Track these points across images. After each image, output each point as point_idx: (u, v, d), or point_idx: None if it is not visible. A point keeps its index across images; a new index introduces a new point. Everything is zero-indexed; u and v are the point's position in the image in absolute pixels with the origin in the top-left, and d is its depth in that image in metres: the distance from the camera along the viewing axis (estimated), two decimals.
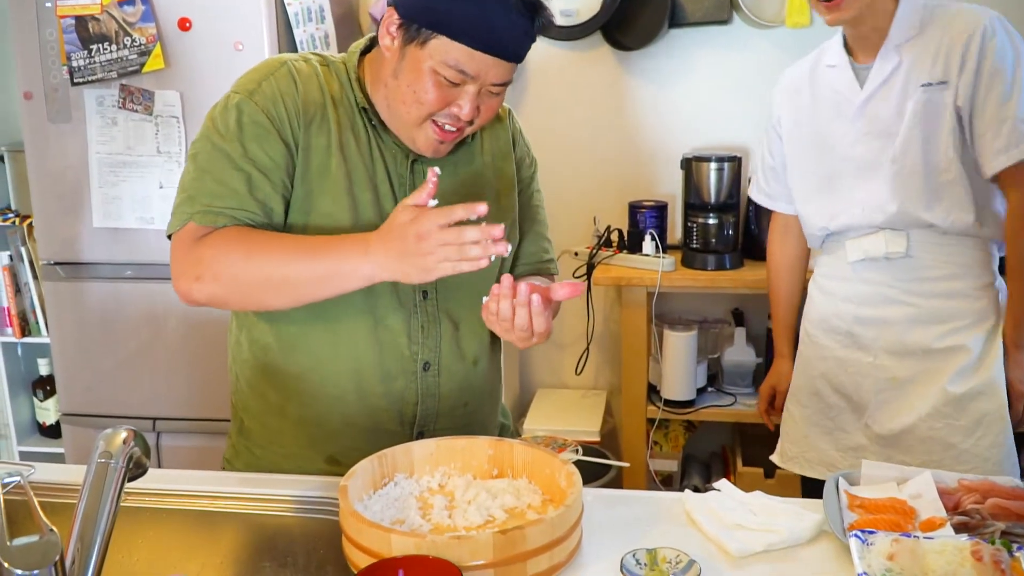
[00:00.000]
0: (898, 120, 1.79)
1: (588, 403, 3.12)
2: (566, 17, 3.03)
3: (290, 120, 1.36)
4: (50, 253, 2.66)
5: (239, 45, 2.44)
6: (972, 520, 1.19)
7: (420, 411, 1.46)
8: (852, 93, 1.85)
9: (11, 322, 3.11)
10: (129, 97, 2.49)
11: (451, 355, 1.47)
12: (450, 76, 1.31)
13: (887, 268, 1.85)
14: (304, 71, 1.40)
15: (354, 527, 1.09)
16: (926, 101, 1.76)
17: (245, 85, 1.38)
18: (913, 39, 1.78)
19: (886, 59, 1.80)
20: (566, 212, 3.03)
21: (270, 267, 1.30)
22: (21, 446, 3.21)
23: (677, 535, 1.20)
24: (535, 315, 1.27)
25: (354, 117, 1.41)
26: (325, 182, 1.38)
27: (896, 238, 1.82)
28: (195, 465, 1.65)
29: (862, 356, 1.90)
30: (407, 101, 1.35)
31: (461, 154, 1.48)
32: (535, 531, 1.07)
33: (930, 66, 1.76)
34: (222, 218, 1.33)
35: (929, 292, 1.83)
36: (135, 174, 2.53)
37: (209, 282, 1.31)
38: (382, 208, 1.40)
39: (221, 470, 1.56)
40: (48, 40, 2.52)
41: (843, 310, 1.92)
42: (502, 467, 1.31)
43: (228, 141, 1.35)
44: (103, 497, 0.97)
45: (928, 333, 1.83)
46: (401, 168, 1.43)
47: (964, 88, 1.74)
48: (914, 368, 1.85)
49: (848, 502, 1.24)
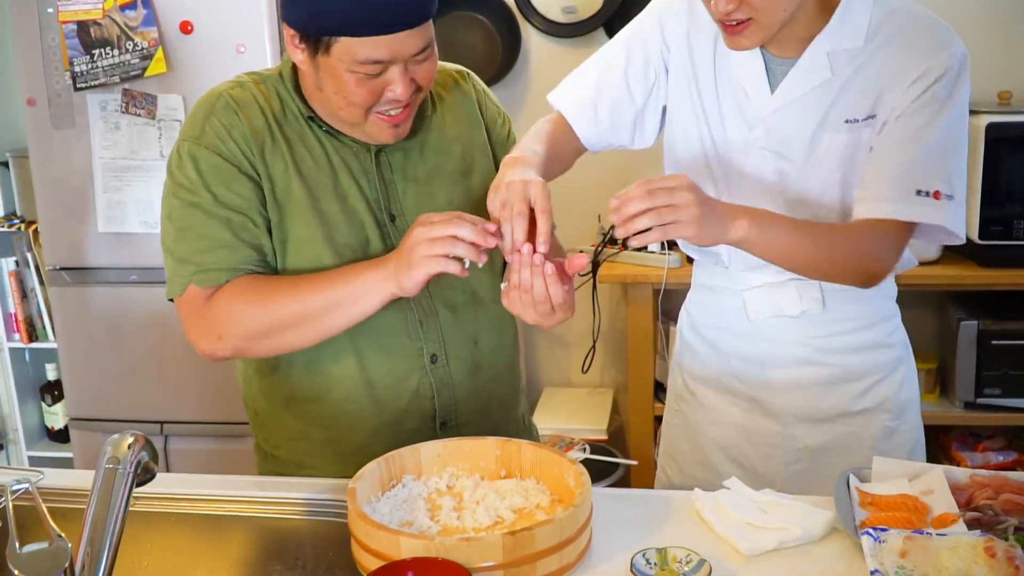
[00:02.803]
0: (808, 150, 1.41)
1: (595, 401, 3.12)
2: (568, 14, 3.02)
3: (243, 152, 1.35)
4: (56, 258, 2.67)
5: (241, 48, 2.44)
6: (985, 516, 1.18)
7: (438, 404, 1.45)
8: (758, 95, 1.43)
9: (18, 328, 3.11)
10: (132, 101, 2.49)
11: (455, 341, 1.46)
12: (367, 70, 1.27)
13: (794, 324, 1.51)
14: (241, 98, 1.38)
15: (363, 529, 1.09)
16: (847, 142, 1.39)
17: (190, 131, 1.36)
18: (854, 53, 1.37)
19: (812, 67, 1.38)
20: (571, 210, 3.01)
21: (286, 308, 1.31)
22: (30, 451, 3.22)
23: (687, 534, 1.19)
24: (550, 284, 1.23)
25: (303, 129, 1.39)
26: (290, 206, 1.37)
27: (808, 289, 1.48)
28: (203, 468, 1.64)
29: (771, 425, 1.55)
30: (341, 105, 1.33)
31: (425, 133, 1.44)
32: (544, 532, 1.06)
33: (860, 98, 1.37)
34: (222, 274, 1.34)
35: (845, 347, 1.52)
36: (139, 178, 2.53)
37: (230, 339, 1.33)
38: (353, 214, 1.39)
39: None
40: (50, 46, 2.52)
41: (742, 371, 1.56)
42: (510, 467, 1.30)
43: (195, 192, 1.34)
44: (112, 503, 0.97)
45: (845, 394, 1.53)
46: (366, 164, 1.41)
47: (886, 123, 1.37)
48: (829, 435, 1.53)
49: (859, 499, 1.23)
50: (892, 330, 1.56)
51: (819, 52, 1.37)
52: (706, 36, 1.47)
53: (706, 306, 1.61)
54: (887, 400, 1.53)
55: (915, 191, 1.32)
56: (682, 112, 1.51)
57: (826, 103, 1.39)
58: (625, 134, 1.55)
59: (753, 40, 1.34)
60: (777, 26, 1.33)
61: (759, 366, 1.55)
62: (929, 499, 1.22)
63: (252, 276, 1.35)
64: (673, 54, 1.49)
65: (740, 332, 1.55)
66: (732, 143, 1.47)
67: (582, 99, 1.53)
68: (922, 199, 1.32)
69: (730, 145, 1.47)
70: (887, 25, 1.36)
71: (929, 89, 1.33)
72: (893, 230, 1.35)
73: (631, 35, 1.53)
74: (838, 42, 1.37)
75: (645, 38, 1.51)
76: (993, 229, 2.56)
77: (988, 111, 2.57)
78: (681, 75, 1.50)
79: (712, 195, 1.46)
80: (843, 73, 1.37)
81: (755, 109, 1.43)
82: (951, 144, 1.35)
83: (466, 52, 3.02)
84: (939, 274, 2.62)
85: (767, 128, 1.43)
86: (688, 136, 1.52)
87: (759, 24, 1.32)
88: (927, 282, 2.62)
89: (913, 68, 1.34)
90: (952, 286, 2.70)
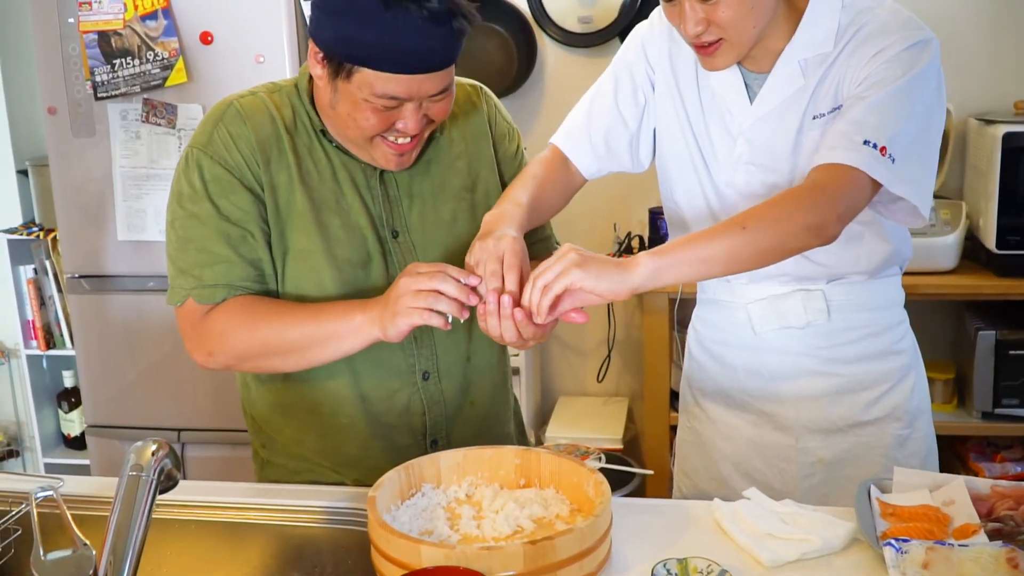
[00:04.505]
0: (792, 159, 1.41)
1: (610, 410, 3.11)
2: (584, 24, 3.03)
3: (248, 163, 1.36)
4: (75, 266, 2.69)
5: (260, 58, 2.45)
6: (1006, 527, 1.17)
7: (429, 420, 1.46)
8: (739, 109, 1.44)
9: (36, 335, 3.13)
10: (152, 111, 2.51)
11: (448, 359, 1.47)
12: (383, 103, 1.28)
13: (801, 335, 1.50)
14: (251, 106, 1.39)
15: (383, 538, 1.09)
16: (818, 137, 1.37)
17: (199, 138, 1.38)
18: (825, 56, 1.38)
19: (785, 77, 1.40)
20: (586, 219, 3.02)
21: (274, 335, 1.34)
22: (46, 458, 3.23)
23: (707, 544, 1.19)
24: (521, 327, 1.26)
25: (312, 142, 1.40)
26: (292, 217, 1.38)
27: (813, 300, 1.47)
28: (221, 476, 1.65)
29: (782, 438, 1.55)
30: (349, 127, 1.34)
31: (432, 151, 1.45)
32: (565, 541, 1.06)
33: (827, 92, 1.38)
34: (219, 292, 1.36)
35: (853, 356, 1.50)
36: (159, 187, 2.55)
37: (220, 355, 1.38)
38: (355, 229, 1.40)
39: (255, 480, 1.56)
40: (71, 55, 2.55)
41: (751, 385, 1.55)
42: (529, 477, 1.30)
43: (198, 203, 1.36)
44: (135, 510, 0.97)
45: (856, 403, 1.51)
46: (372, 181, 1.42)
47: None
48: (842, 446, 1.52)
49: (880, 510, 1.23)
50: (900, 337, 1.54)
51: (791, 61, 1.39)
52: (687, 55, 1.48)
53: (712, 321, 1.61)
54: (898, 408, 1.52)
55: (862, 140, 1.28)
56: (671, 131, 1.52)
57: (801, 109, 1.40)
58: (623, 159, 1.57)
59: (727, 59, 1.37)
60: (749, 44, 1.35)
61: (767, 379, 1.54)
62: (950, 510, 1.22)
63: (249, 297, 1.37)
64: (658, 75, 1.52)
65: (746, 345, 1.54)
66: (720, 159, 1.48)
67: (576, 130, 1.55)
68: (869, 149, 1.28)
69: (719, 162, 1.48)
70: (854, 26, 1.37)
71: (887, 60, 1.32)
72: (838, 178, 1.28)
73: (617, 63, 1.55)
74: (808, 49, 1.38)
75: (630, 63, 1.53)
76: (1010, 239, 2.56)
77: (1004, 121, 2.57)
78: (667, 95, 1.51)
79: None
80: (815, 77, 1.39)
81: (737, 123, 1.45)
82: (903, 107, 1.31)
83: (482, 62, 3.03)
84: (956, 283, 2.61)
85: (749, 141, 1.44)
86: (678, 155, 1.53)
87: (730, 44, 1.34)
88: (944, 292, 2.61)
89: (873, 48, 1.33)
90: (969, 296, 2.69)
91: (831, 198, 1.28)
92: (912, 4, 1.45)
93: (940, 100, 1.37)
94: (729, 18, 1.30)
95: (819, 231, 1.27)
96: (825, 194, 1.28)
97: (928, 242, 2.58)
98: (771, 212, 1.28)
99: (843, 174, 1.28)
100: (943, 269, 2.62)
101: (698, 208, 1.53)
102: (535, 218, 1.43)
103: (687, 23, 1.32)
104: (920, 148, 1.33)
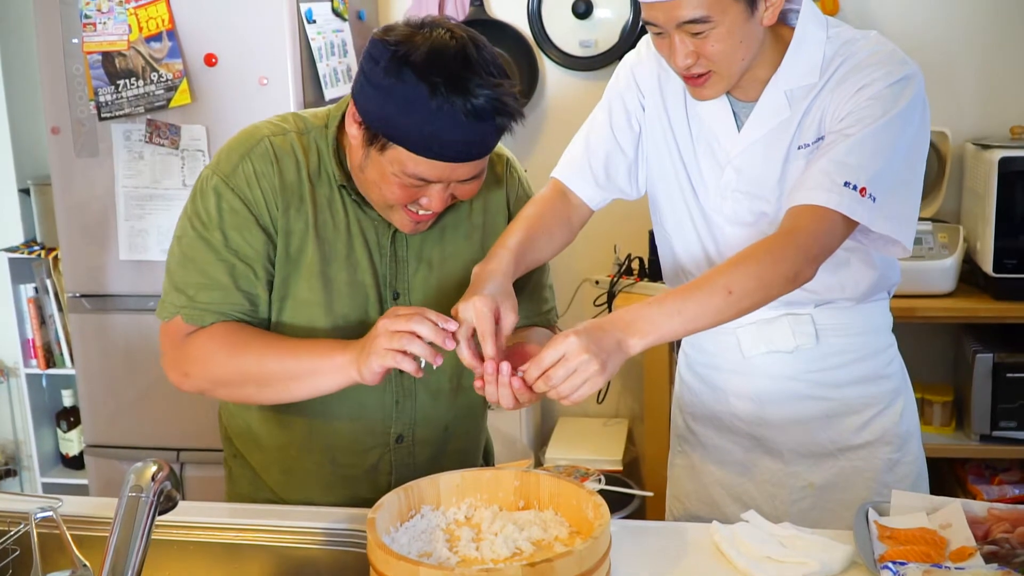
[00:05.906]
0: (779, 187, 1.43)
1: (610, 432, 3.11)
2: (584, 48, 3.06)
3: (267, 204, 1.36)
4: (76, 285, 2.69)
5: (264, 80, 2.47)
6: (1002, 549, 1.17)
7: (394, 480, 1.46)
8: (727, 137, 1.46)
9: (36, 354, 3.14)
10: (156, 131, 2.53)
11: (426, 425, 1.47)
12: (412, 182, 1.28)
13: (790, 359, 1.51)
14: (281, 148, 1.37)
15: (382, 560, 1.09)
16: (803, 168, 1.38)
17: (225, 166, 1.37)
18: (810, 87, 1.39)
19: (771, 106, 1.41)
20: (586, 241, 3.00)
21: (252, 365, 1.33)
22: (44, 477, 3.22)
23: (706, 567, 1.19)
24: (518, 394, 1.24)
25: (332, 192, 1.39)
26: (301, 266, 1.38)
27: (801, 324, 1.48)
28: (220, 496, 1.65)
29: (772, 462, 1.55)
30: (373, 193, 1.34)
31: (449, 216, 1.44)
32: (564, 563, 1.06)
33: (812, 123, 1.39)
34: (209, 315, 1.36)
35: (842, 380, 1.51)
36: (161, 207, 2.56)
37: (196, 379, 1.38)
38: (358, 286, 1.40)
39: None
40: (75, 75, 2.56)
41: (740, 409, 1.56)
42: (528, 499, 1.31)
43: (209, 229, 1.36)
44: (134, 531, 0.98)
45: (845, 427, 1.52)
46: (383, 239, 1.41)
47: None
48: (832, 470, 1.53)
49: (878, 533, 1.23)
50: (889, 361, 1.55)
51: (777, 91, 1.41)
52: (676, 84, 1.49)
53: (701, 345, 1.61)
54: (888, 432, 1.52)
55: (843, 182, 1.28)
56: (660, 158, 1.54)
57: (788, 138, 1.41)
58: (624, 186, 1.57)
59: (715, 90, 1.38)
60: (737, 75, 1.37)
61: (757, 403, 1.54)
62: (947, 532, 1.22)
63: (234, 324, 1.37)
64: (648, 101, 1.53)
65: (736, 369, 1.55)
66: (709, 187, 1.49)
67: (576, 162, 1.56)
68: (850, 191, 1.28)
69: (707, 189, 1.49)
70: (839, 57, 1.38)
71: (871, 97, 1.32)
72: (811, 223, 1.29)
73: (610, 92, 1.57)
74: (794, 79, 1.40)
75: (622, 91, 1.55)
76: (1007, 262, 2.57)
77: (1001, 145, 2.59)
78: (657, 122, 1.53)
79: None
80: (800, 107, 1.40)
81: (725, 152, 1.46)
82: (885, 146, 1.31)
83: None
84: (954, 307, 2.62)
85: (736, 169, 1.45)
86: (667, 181, 1.54)
87: (719, 75, 1.36)
88: (942, 315, 2.62)
89: (858, 82, 1.34)
90: (967, 318, 2.70)
91: (800, 246, 1.28)
92: (910, 29, 1.46)
93: (924, 133, 1.38)
94: (718, 51, 1.32)
95: (795, 278, 1.29)
96: (795, 242, 1.29)
97: (926, 265, 2.60)
98: (754, 270, 1.27)
99: (818, 217, 1.29)
100: (941, 292, 2.63)
101: (686, 234, 1.55)
102: (529, 259, 1.41)
103: (677, 56, 1.33)
104: (902, 185, 1.35)
